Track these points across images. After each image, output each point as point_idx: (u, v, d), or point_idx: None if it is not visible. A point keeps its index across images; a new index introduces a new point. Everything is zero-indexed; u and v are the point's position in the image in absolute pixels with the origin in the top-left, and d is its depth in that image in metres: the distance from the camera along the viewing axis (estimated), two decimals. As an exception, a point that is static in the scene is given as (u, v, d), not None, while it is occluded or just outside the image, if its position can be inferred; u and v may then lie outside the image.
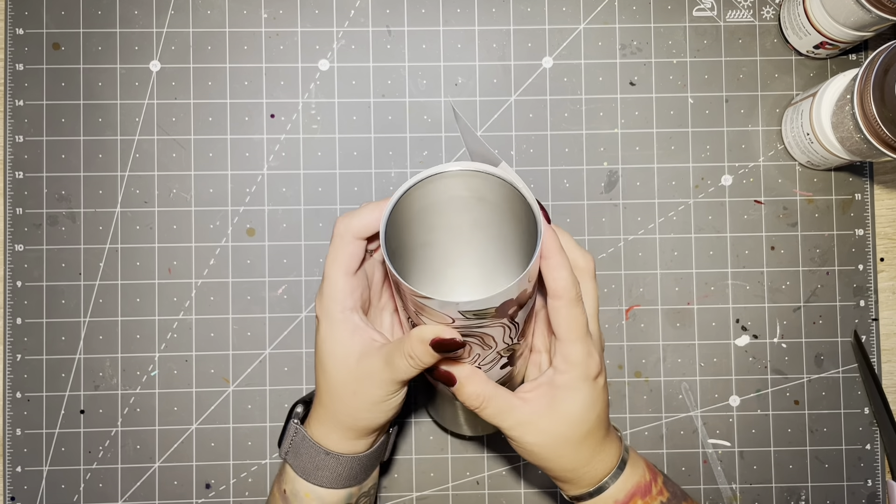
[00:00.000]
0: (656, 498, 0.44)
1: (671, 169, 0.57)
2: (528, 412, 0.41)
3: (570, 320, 0.39)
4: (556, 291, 0.39)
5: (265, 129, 0.57)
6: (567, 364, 0.40)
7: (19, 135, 0.56)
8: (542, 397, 0.41)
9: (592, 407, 0.41)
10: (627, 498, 0.43)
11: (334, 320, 0.42)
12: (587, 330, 0.40)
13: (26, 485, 0.56)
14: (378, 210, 0.40)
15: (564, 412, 0.41)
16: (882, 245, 0.58)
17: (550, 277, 0.38)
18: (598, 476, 0.43)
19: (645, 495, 0.44)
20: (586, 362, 0.40)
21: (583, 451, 0.42)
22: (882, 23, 0.50)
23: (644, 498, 0.43)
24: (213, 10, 0.57)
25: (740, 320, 0.57)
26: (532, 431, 0.41)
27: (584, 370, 0.40)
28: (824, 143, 0.53)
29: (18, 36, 0.57)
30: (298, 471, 0.45)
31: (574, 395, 0.41)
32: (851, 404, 0.57)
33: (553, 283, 0.38)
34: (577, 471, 0.43)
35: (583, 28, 0.58)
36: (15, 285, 0.56)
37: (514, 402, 0.41)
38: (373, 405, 0.42)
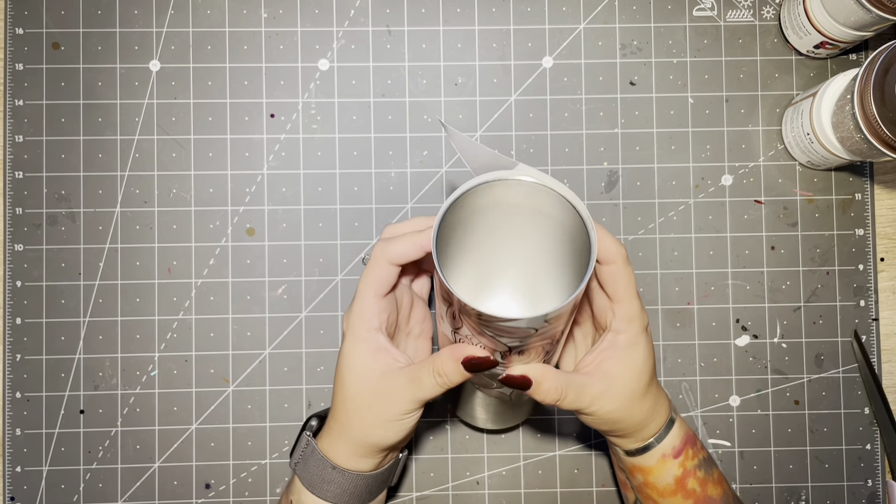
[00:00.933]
0: (700, 451, 0.47)
1: (671, 169, 0.57)
2: (602, 384, 0.43)
3: (626, 279, 0.43)
4: (610, 258, 0.42)
5: (265, 129, 0.57)
6: (627, 322, 0.43)
7: (19, 134, 0.56)
8: (610, 363, 0.43)
9: (650, 355, 0.44)
10: (682, 445, 0.46)
11: (359, 338, 0.43)
12: (637, 287, 0.44)
13: (26, 485, 0.56)
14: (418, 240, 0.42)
15: (633, 368, 0.43)
16: (882, 245, 0.58)
17: (601, 248, 0.42)
18: (657, 426, 0.45)
19: (693, 445, 0.47)
20: (642, 315, 0.44)
21: (647, 402, 0.45)
22: (882, 22, 0.50)
23: (693, 448, 0.47)
24: (212, 10, 0.57)
25: (740, 320, 0.57)
26: (608, 400, 0.43)
27: (642, 323, 0.44)
28: (824, 143, 0.53)
29: (18, 35, 0.57)
30: (305, 483, 0.45)
31: (638, 349, 0.43)
32: (851, 404, 0.57)
33: (604, 253, 0.42)
34: (643, 422, 0.45)
35: (583, 28, 0.58)
36: (15, 285, 0.56)
37: (584, 380, 0.43)
38: (387, 422, 0.43)
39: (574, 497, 0.57)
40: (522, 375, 0.41)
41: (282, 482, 0.56)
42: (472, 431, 0.57)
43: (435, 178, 0.57)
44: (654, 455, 0.46)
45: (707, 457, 0.47)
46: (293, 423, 0.56)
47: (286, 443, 0.56)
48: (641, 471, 0.46)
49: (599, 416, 0.44)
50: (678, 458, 0.46)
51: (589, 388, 0.43)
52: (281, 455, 0.56)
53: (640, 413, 0.44)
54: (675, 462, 0.46)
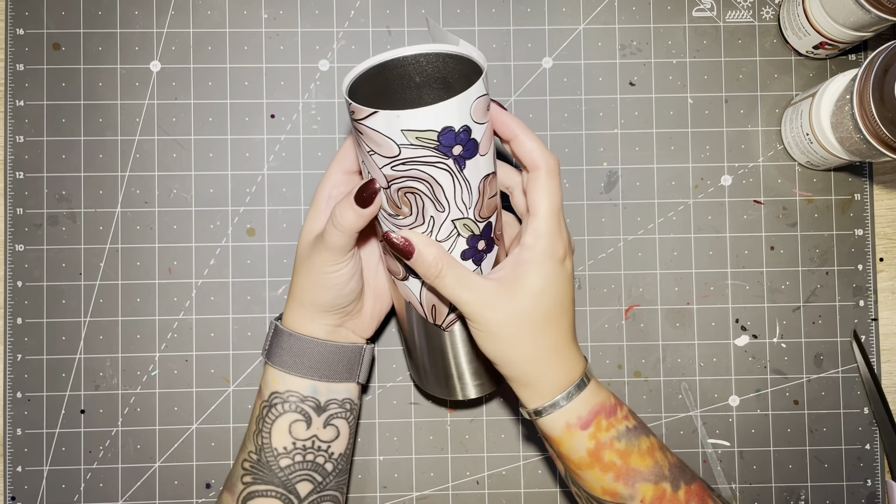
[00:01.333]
0: (621, 422, 0.44)
1: (671, 169, 0.57)
2: (489, 287, 0.41)
3: (547, 190, 0.40)
4: (534, 163, 0.40)
5: (265, 130, 0.57)
6: (535, 238, 0.41)
7: (20, 135, 0.57)
8: (504, 273, 0.42)
9: (556, 288, 0.41)
10: (591, 416, 0.43)
11: (317, 208, 0.46)
12: (561, 206, 0.41)
13: (27, 485, 0.56)
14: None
15: (526, 287, 0.41)
16: (881, 245, 0.58)
17: (524, 151, 0.40)
18: (559, 385, 0.42)
19: (609, 416, 0.43)
20: (554, 237, 0.41)
21: (542, 340, 0.42)
22: (881, 23, 0.50)
23: (609, 419, 0.43)
24: (213, 11, 0.57)
25: (740, 320, 0.57)
26: (492, 306, 0.41)
27: (550, 244, 0.41)
28: (824, 144, 0.53)
29: (19, 36, 0.57)
30: (269, 358, 0.47)
31: (538, 269, 0.41)
32: (851, 404, 0.57)
33: (528, 156, 0.40)
34: (537, 367, 0.42)
35: (582, 28, 0.58)
36: (15, 285, 0.56)
37: (473, 276, 0.41)
38: (316, 276, 0.45)
39: (574, 497, 0.57)
40: (406, 239, 0.41)
41: (282, 482, 0.56)
42: (472, 431, 0.57)
43: (435, 179, 0.57)
44: (557, 422, 0.43)
45: (634, 426, 0.44)
46: (293, 423, 0.57)
47: (286, 443, 0.57)
48: (553, 441, 0.44)
49: (482, 326, 0.41)
50: (587, 430, 0.43)
51: (474, 284, 0.41)
52: (281, 455, 0.56)
53: (530, 350, 0.41)
54: (583, 434, 0.43)
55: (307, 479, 0.47)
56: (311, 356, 0.47)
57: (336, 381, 0.48)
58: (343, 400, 0.48)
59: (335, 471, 0.48)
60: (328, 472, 0.48)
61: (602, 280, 0.57)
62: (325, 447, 0.47)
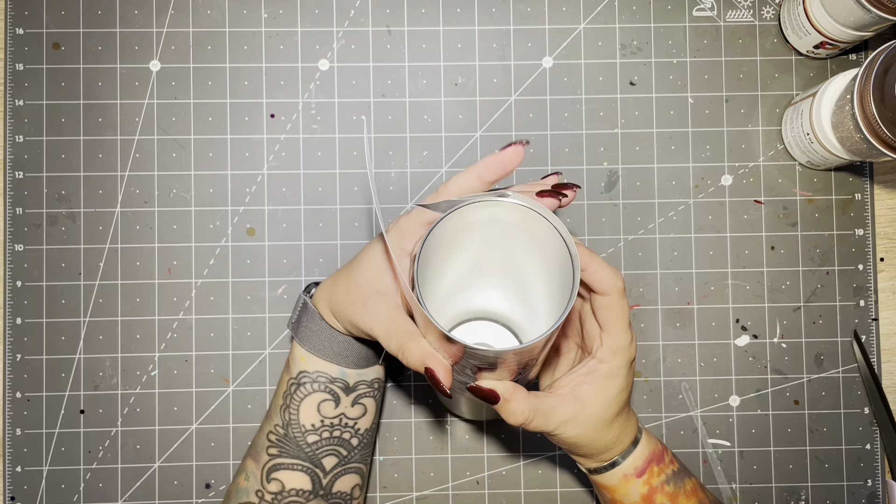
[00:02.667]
0: (668, 466, 0.47)
1: (671, 169, 0.57)
2: (572, 409, 0.43)
3: (619, 312, 0.42)
4: (605, 290, 0.42)
5: (265, 129, 0.57)
6: (612, 353, 0.43)
7: (19, 134, 0.56)
8: (585, 389, 0.43)
9: (626, 388, 0.44)
10: (645, 465, 0.46)
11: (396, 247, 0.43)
12: (629, 321, 0.43)
13: (26, 485, 0.56)
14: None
15: (606, 398, 0.43)
16: (882, 245, 0.58)
17: (596, 280, 0.42)
18: (620, 449, 0.45)
19: (659, 462, 0.46)
20: (630, 348, 0.43)
21: (613, 429, 0.45)
22: (882, 23, 0.50)
23: (658, 465, 0.46)
24: (212, 10, 0.57)
25: (740, 320, 0.57)
26: (575, 425, 0.43)
27: (627, 356, 0.43)
28: (824, 143, 0.53)
29: (18, 36, 0.57)
30: (297, 335, 0.48)
31: (616, 380, 0.43)
32: (851, 404, 0.57)
33: (600, 284, 0.42)
34: (606, 448, 0.45)
35: (583, 28, 0.58)
36: (15, 285, 0.56)
37: (554, 404, 0.43)
38: (351, 321, 0.44)
39: (574, 497, 0.57)
40: (491, 390, 0.41)
41: (282, 482, 0.56)
42: (472, 431, 0.57)
43: (435, 178, 0.57)
44: (615, 475, 0.46)
45: (678, 469, 0.47)
46: (293, 423, 0.56)
47: (286, 443, 0.56)
48: (607, 489, 0.47)
49: (563, 439, 0.44)
50: (642, 477, 0.46)
51: (558, 411, 0.43)
52: (281, 455, 0.56)
53: (604, 439, 0.44)
54: (638, 481, 0.46)
55: (333, 453, 0.49)
56: (340, 345, 0.48)
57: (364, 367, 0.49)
58: (372, 380, 0.50)
59: (360, 444, 0.50)
60: (354, 446, 0.49)
61: (602, 280, 0.57)
62: (352, 424, 0.49)
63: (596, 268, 0.41)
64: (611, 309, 0.42)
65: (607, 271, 0.42)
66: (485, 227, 0.41)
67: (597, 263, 0.42)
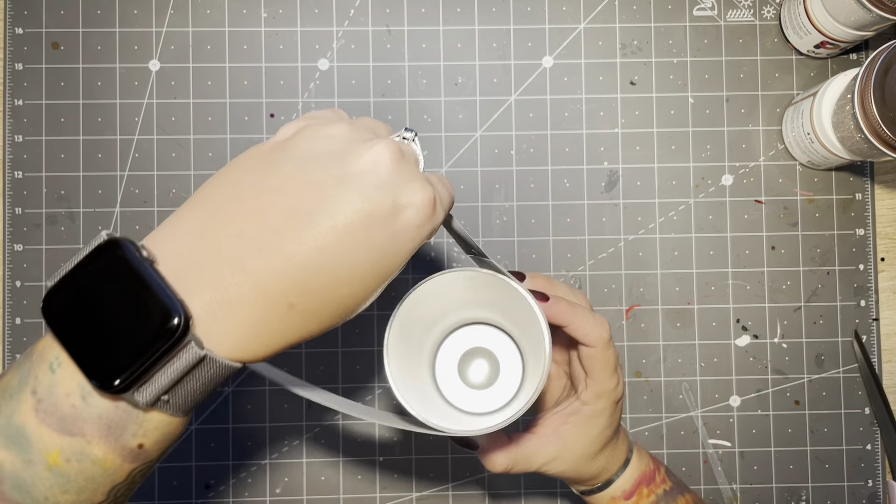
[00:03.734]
0: (660, 486, 0.46)
1: (671, 168, 0.57)
2: (554, 449, 0.44)
3: (603, 362, 0.42)
4: (590, 343, 0.42)
5: (265, 129, 0.57)
6: (597, 398, 0.43)
7: (18, 134, 0.56)
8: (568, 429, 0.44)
9: (611, 425, 0.44)
10: (634, 487, 0.46)
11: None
12: (618, 363, 0.43)
13: (25, 485, 0.56)
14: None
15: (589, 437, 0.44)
16: (883, 245, 0.58)
17: (581, 334, 0.41)
18: (608, 475, 0.46)
19: (649, 483, 0.46)
20: (615, 392, 0.43)
21: (599, 461, 0.45)
22: (883, 22, 0.50)
23: (648, 486, 0.46)
24: (212, 10, 0.57)
25: (741, 320, 0.57)
26: (558, 463, 0.44)
27: (612, 398, 0.43)
28: (825, 143, 0.52)
29: (18, 35, 0.57)
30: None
31: (599, 420, 0.43)
32: (852, 404, 0.57)
33: (585, 338, 0.42)
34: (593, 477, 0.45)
35: (583, 27, 0.58)
36: (14, 285, 0.56)
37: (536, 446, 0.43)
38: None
39: (574, 498, 0.57)
40: (469, 439, 0.42)
41: (282, 482, 0.56)
42: (472, 431, 0.57)
43: (435, 178, 0.57)
44: (603, 497, 0.46)
45: (671, 488, 0.47)
46: (293, 424, 0.56)
47: (286, 443, 0.56)
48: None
49: (548, 474, 0.45)
50: (630, 500, 0.46)
51: (540, 453, 0.43)
52: (280, 455, 0.56)
53: (589, 471, 0.45)
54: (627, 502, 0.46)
55: None
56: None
57: None
58: None
59: None
60: None
61: (602, 280, 0.57)
62: None
63: (580, 322, 0.41)
64: (595, 359, 0.42)
65: (592, 325, 0.41)
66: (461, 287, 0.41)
67: (580, 318, 0.41)
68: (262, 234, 0.28)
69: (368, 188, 0.29)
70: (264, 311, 0.28)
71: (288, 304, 0.28)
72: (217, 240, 0.28)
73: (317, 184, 0.29)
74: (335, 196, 0.29)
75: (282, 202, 0.28)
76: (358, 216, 0.29)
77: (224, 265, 0.28)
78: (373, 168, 0.29)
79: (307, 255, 0.28)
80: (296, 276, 0.28)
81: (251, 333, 0.28)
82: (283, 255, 0.28)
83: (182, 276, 0.27)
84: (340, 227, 0.28)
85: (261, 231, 0.28)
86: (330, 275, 0.29)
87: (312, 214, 0.28)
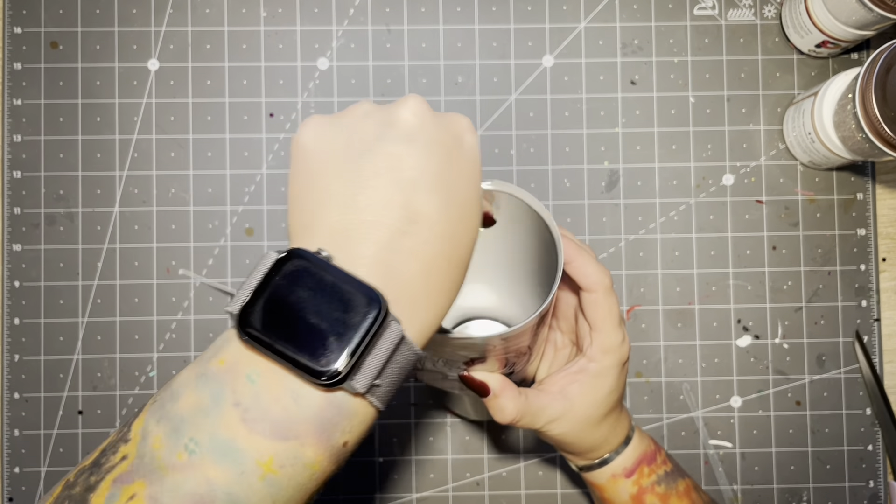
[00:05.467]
0: (661, 466, 0.46)
1: (672, 168, 0.57)
2: (561, 408, 0.42)
3: (606, 310, 0.41)
4: (591, 286, 0.41)
5: (264, 129, 0.57)
6: (603, 352, 0.42)
7: (17, 134, 0.56)
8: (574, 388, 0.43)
9: (617, 389, 0.43)
10: (635, 465, 0.45)
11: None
12: (621, 318, 0.42)
13: (24, 486, 0.56)
14: None
15: (595, 398, 0.43)
16: (884, 245, 0.58)
17: (581, 275, 0.41)
18: (609, 447, 0.45)
19: (650, 463, 0.46)
20: (621, 349, 0.42)
21: (602, 428, 0.44)
22: (884, 21, 0.50)
23: (650, 465, 0.46)
24: (211, 9, 0.57)
25: (742, 320, 0.57)
26: (562, 423, 0.43)
27: (618, 356, 0.42)
28: (826, 143, 0.52)
29: (16, 35, 0.57)
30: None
31: (606, 380, 0.42)
32: (853, 405, 0.57)
33: (585, 280, 0.41)
34: (595, 446, 0.44)
35: (583, 27, 0.57)
36: (13, 285, 0.56)
37: (544, 402, 0.42)
38: None
39: (574, 498, 0.56)
40: (482, 382, 0.41)
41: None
42: (472, 432, 0.57)
43: (435, 178, 0.57)
44: (604, 473, 0.45)
45: (671, 470, 0.46)
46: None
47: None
48: (597, 487, 0.46)
49: (550, 437, 0.44)
50: (631, 477, 0.45)
51: (547, 410, 0.42)
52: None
53: (592, 438, 0.44)
54: (627, 481, 0.45)
55: None
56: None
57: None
58: None
59: None
60: None
61: (603, 280, 0.57)
62: None
63: (581, 262, 0.41)
64: (597, 306, 0.41)
65: (593, 267, 0.41)
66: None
67: (583, 258, 0.41)
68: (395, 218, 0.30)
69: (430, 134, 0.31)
70: (428, 278, 0.30)
71: (446, 261, 0.30)
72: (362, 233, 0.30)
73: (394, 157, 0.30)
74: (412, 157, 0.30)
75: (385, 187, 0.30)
76: (442, 160, 0.30)
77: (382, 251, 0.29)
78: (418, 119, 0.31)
79: (440, 213, 0.30)
80: (443, 233, 0.30)
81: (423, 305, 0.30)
82: (427, 225, 0.30)
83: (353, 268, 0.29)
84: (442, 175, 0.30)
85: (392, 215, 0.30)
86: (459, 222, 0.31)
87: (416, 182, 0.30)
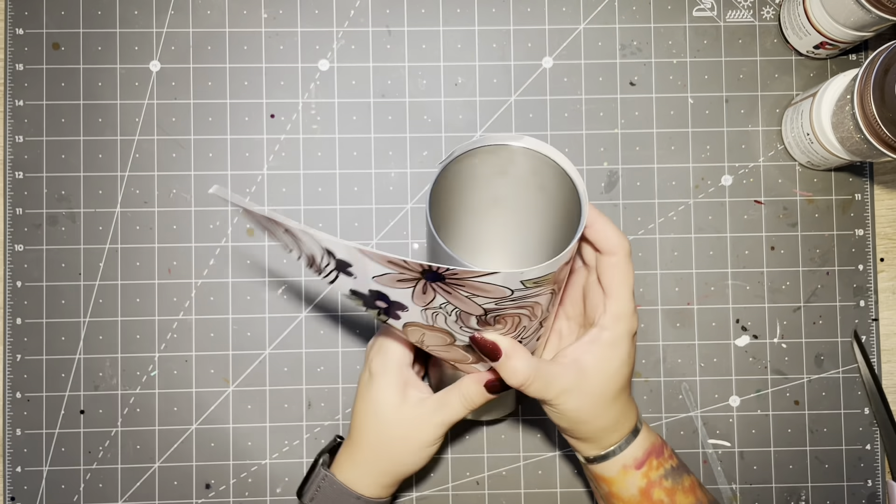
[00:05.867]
0: (668, 460, 0.46)
1: (671, 169, 0.57)
2: (573, 378, 0.42)
3: (623, 274, 0.41)
4: (612, 249, 0.41)
5: (265, 130, 0.57)
6: (615, 319, 0.42)
7: (19, 135, 0.56)
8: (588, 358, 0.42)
9: (628, 362, 0.43)
10: (645, 456, 0.45)
11: (392, 375, 0.46)
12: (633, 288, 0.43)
13: (26, 485, 0.56)
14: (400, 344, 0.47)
15: (608, 369, 0.42)
16: (882, 245, 0.58)
17: (602, 237, 0.41)
18: (619, 436, 0.44)
19: (658, 456, 0.45)
20: (633, 318, 0.42)
21: (615, 409, 0.43)
22: (882, 23, 0.50)
23: (658, 458, 0.45)
24: (212, 11, 0.57)
25: (740, 320, 0.57)
26: (575, 396, 0.42)
27: (630, 325, 0.42)
28: (824, 144, 0.53)
29: (18, 36, 0.57)
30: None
31: (619, 350, 0.42)
32: (851, 404, 0.57)
33: (606, 242, 0.41)
34: (606, 429, 0.44)
35: (583, 28, 0.58)
36: (15, 285, 0.56)
37: (556, 371, 0.42)
38: (418, 450, 0.46)
39: (574, 497, 0.57)
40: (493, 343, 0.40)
41: (282, 482, 0.56)
42: (471, 432, 0.57)
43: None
44: (614, 465, 0.45)
45: (677, 465, 0.46)
46: (293, 424, 0.56)
47: (286, 443, 0.56)
48: (605, 481, 0.46)
49: (563, 412, 0.43)
50: (640, 470, 0.44)
51: (559, 379, 0.41)
52: (281, 455, 0.56)
53: (604, 418, 0.43)
54: (637, 473, 0.44)
55: None
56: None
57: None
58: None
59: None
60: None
61: (602, 280, 0.57)
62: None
63: (602, 226, 0.41)
64: (616, 269, 0.41)
65: (614, 231, 0.41)
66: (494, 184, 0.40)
67: (604, 222, 0.41)
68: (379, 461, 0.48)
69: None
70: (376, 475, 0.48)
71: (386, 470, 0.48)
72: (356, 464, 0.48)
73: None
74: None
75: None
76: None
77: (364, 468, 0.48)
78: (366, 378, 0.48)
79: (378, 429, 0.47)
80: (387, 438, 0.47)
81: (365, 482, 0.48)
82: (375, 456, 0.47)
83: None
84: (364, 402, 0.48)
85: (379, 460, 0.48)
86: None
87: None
